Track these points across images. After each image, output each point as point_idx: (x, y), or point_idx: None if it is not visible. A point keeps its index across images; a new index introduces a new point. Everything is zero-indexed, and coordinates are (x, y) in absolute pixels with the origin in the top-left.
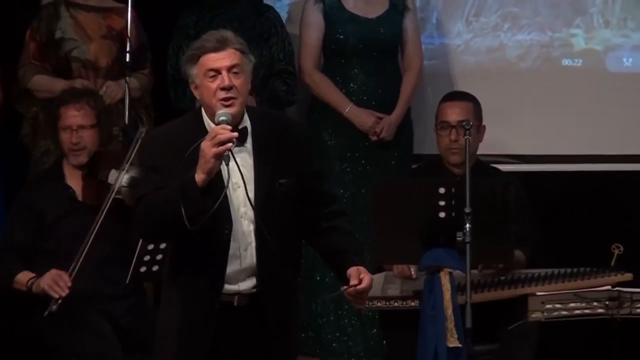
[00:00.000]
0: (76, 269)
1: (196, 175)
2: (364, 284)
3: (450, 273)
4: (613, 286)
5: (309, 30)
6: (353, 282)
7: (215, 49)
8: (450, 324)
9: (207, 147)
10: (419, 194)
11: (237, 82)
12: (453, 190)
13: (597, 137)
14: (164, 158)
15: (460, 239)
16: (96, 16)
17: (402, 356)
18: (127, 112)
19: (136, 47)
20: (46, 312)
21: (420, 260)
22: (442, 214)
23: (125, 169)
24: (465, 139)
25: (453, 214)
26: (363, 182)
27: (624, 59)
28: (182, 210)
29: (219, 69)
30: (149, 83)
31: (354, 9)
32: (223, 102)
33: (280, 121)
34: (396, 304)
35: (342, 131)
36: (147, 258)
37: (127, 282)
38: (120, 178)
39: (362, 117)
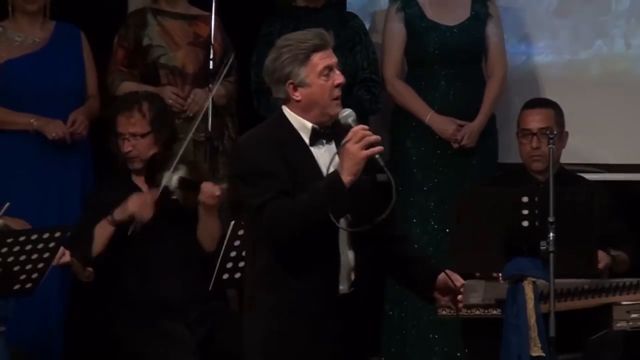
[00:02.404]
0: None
1: (343, 177)
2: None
3: (534, 282)
4: None
5: (392, 39)
6: (458, 282)
7: (324, 47)
8: (534, 333)
9: (356, 150)
10: (502, 203)
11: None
12: (536, 199)
13: None
14: (273, 162)
15: (544, 248)
16: (183, 23)
17: None
18: (210, 120)
19: (221, 55)
20: (130, 231)
21: (504, 269)
22: (525, 223)
23: (172, 169)
24: (549, 147)
25: (536, 223)
26: (445, 190)
27: None
28: (330, 213)
29: (331, 66)
30: (234, 90)
31: (435, 17)
32: (336, 101)
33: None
34: (478, 312)
35: (424, 139)
36: (229, 265)
37: (209, 289)
38: (170, 178)
39: (443, 125)
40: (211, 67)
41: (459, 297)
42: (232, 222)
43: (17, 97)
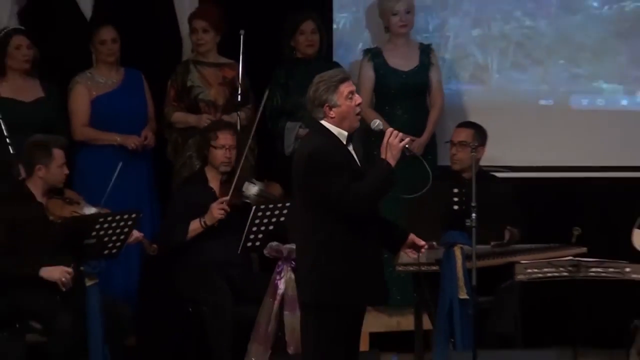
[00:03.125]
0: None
1: (391, 162)
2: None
3: (462, 247)
4: (574, 256)
5: (364, 79)
6: (420, 243)
7: (347, 79)
8: (461, 283)
9: (396, 143)
10: (440, 193)
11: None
12: (463, 190)
13: (563, 154)
14: (338, 159)
15: (469, 224)
16: (214, 70)
17: (428, 306)
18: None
19: (243, 90)
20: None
21: (441, 239)
22: (455, 207)
23: (255, 183)
24: (472, 155)
25: (463, 207)
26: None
27: (582, 100)
28: (387, 187)
29: (353, 91)
30: (252, 114)
31: (394, 65)
32: (358, 116)
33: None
34: (424, 269)
35: None
36: (252, 236)
37: (238, 252)
38: (249, 188)
39: None
40: (239, 99)
41: (422, 250)
42: (254, 207)
43: (103, 121)
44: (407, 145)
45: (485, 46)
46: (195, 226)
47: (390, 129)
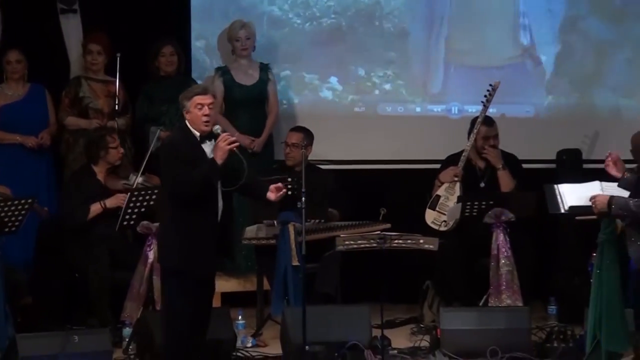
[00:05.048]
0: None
1: (217, 161)
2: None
3: (294, 224)
4: (381, 231)
5: (216, 92)
6: (281, 185)
7: (203, 93)
8: (294, 253)
9: (222, 146)
10: (277, 181)
11: (211, 111)
12: (295, 179)
13: (373, 150)
14: (185, 154)
15: (300, 205)
16: (102, 85)
17: (267, 271)
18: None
19: (121, 101)
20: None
21: (277, 217)
22: (289, 192)
23: (138, 174)
24: (301, 152)
25: (295, 192)
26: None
27: (387, 108)
28: (211, 178)
29: (202, 104)
30: (130, 121)
31: (239, 80)
32: (206, 123)
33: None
34: (263, 242)
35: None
36: (127, 217)
37: (116, 229)
38: (134, 180)
39: (243, 140)
40: (117, 108)
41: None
42: (129, 193)
43: (10, 125)
44: (235, 149)
45: (313, 66)
46: (95, 208)
47: (224, 134)
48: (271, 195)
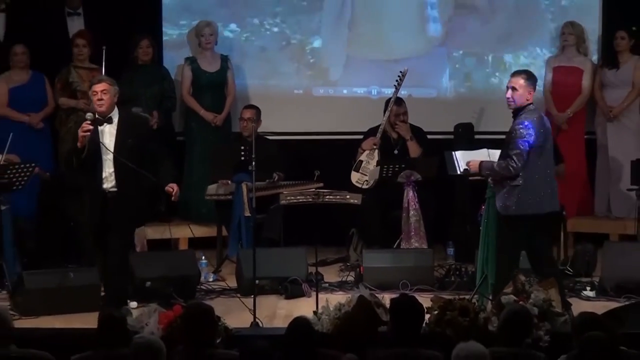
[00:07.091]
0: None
1: (77, 144)
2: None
3: (247, 184)
4: (316, 189)
5: (185, 78)
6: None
7: (100, 82)
8: (246, 206)
9: (79, 131)
10: (233, 149)
11: (105, 96)
12: (247, 147)
13: (309, 124)
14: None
15: (251, 168)
16: (87, 71)
17: (225, 220)
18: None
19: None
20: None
21: (234, 177)
22: (243, 158)
23: None
24: (252, 125)
25: (247, 158)
26: (209, 146)
27: (319, 90)
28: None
29: (96, 91)
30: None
31: (205, 68)
32: (99, 107)
33: (135, 117)
34: (222, 198)
35: (201, 121)
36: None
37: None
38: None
39: (208, 116)
40: None
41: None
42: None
43: (17, 103)
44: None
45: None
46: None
47: (84, 123)
48: (169, 189)
